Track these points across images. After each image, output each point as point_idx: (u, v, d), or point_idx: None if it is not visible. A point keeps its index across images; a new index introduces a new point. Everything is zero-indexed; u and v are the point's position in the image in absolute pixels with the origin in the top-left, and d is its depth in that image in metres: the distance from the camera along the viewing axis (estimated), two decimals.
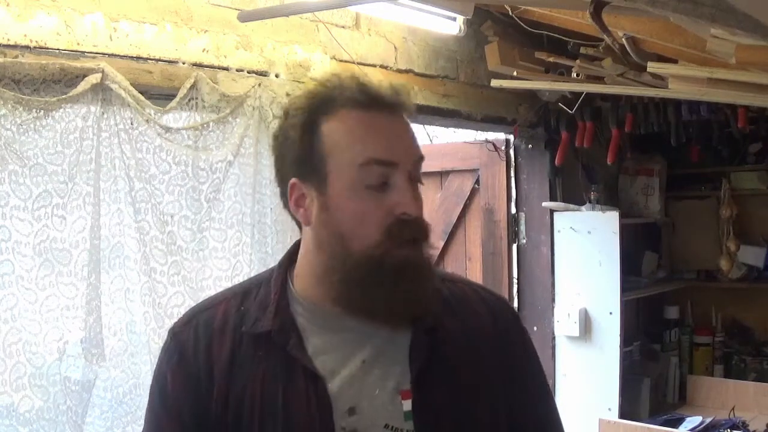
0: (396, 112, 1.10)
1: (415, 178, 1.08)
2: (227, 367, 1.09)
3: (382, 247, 1.04)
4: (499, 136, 3.52)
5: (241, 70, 2.21)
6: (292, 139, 1.10)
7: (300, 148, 1.09)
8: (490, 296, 1.24)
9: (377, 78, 1.18)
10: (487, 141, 3.55)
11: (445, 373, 1.10)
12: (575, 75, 2.73)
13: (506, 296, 3.40)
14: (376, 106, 1.08)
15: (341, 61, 2.54)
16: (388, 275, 1.05)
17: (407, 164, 1.07)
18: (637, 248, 3.90)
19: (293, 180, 1.10)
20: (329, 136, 1.07)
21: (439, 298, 1.15)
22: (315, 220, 1.09)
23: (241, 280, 2.15)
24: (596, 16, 1.97)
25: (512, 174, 3.56)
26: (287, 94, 2.28)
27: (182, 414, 1.11)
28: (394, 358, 1.09)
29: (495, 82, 2.84)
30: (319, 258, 1.10)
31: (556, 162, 3.35)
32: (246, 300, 1.15)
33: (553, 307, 3.46)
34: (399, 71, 2.77)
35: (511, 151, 3.56)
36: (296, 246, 1.18)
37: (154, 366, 1.92)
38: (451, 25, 2.80)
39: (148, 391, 1.92)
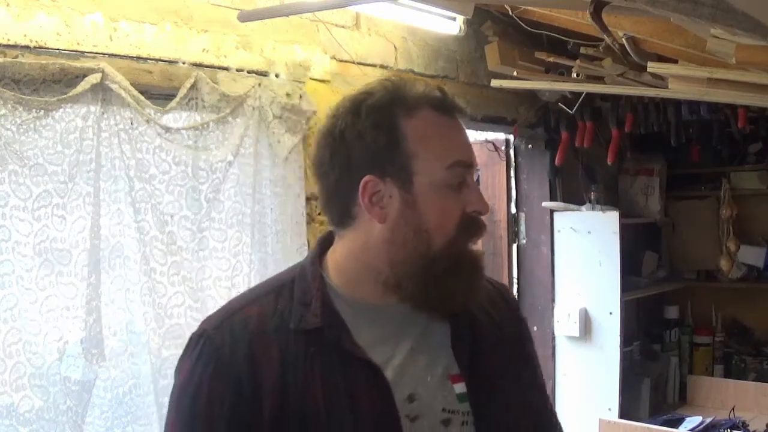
0: (459, 116, 1.16)
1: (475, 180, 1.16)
2: (278, 368, 1.07)
3: (456, 242, 1.10)
4: (499, 136, 3.52)
5: (241, 70, 2.21)
6: (370, 137, 1.10)
7: (380, 146, 1.10)
8: (496, 283, 1.32)
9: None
10: (487, 141, 3.54)
11: (485, 356, 1.15)
12: (575, 75, 2.73)
13: None
14: (447, 110, 1.13)
15: (341, 61, 2.54)
16: (464, 272, 1.11)
17: (474, 167, 1.14)
18: (637, 248, 3.90)
19: (368, 177, 1.10)
20: (414, 136, 1.10)
21: None
22: (396, 217, 1.10)
23: (242, 280, 2.16)
24: (596, 16, 1.97)
25: (512, 174, 3.57)
26: (287, 94, 2.28)
27: (216, 427, 1.08)
28: (437, 345, 1.13)
29: (495, 82, 2.84)
30: (389, 254, 1.11)
31: (556, 162, 3.35)
32: (280, 299, 1.14)
33: (553, 307, 3.46)
34: (399, 71, 2.77)
35: (511, 151, 3.56)
36: (324, 244, 1.20)
37: (154, 366, 1.94)
38: (451, 25, 2.80)
39: (147, 391, 1.95)
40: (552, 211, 3.47)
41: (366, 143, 1.10)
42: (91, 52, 1.87)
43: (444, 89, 1.16)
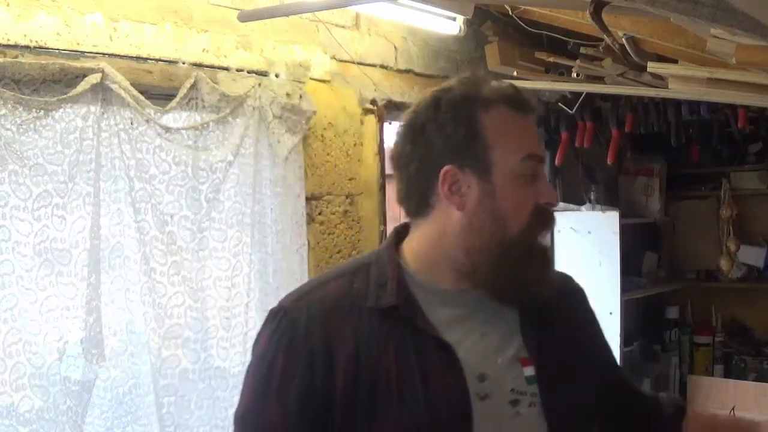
0: (533, 113, 1.22)
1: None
2: (352, 343, 1.12)
3: (529, 230, 1.16)
4: None
5: (241, 70, 2.21)
6: (450, 128, 1.16)
7: (459, 137, 1.16)
8: (562, 273, 1.39)
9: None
10: None
11: (553, 343, 1.19)
12: (575, 75, 2.73)
13: None
14: (522, 107, 1.19)
15: (341, 61, 2.54)
16: (536, 259, 1.18)
17: (544, 161, 1.23)
18: (637, 248, 3.90)
19: (448, 167, 1.16)
20: (491, 128, 1.16)
21: None
22: (474, 205, 1.16)
23: (242, 280, 2.16)
24: (596, 16, 1.98)
25: None
26: (287, 94, 2.28)
27: (288, 396, 1.12)
28: (507, 330, 1.19)
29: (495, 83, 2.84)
30: (466, 241, 1.16)
31: (556, 162, 3.35)
32: (356, 279, 1.19)
33: None
34: (399, 71, 2.77)
35: None
36: (399, 233, 1.25)
37: (154, 366, 1.94)
38: (451, 25, 2.80)
39: (147, 391, 1.95)
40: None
41: (446, 135, 1.16)
42: (91, 52, 1.87)
43: (518, 87, 1.22)
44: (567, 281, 1.37)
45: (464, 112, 1.16)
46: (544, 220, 1.19)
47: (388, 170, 2.84)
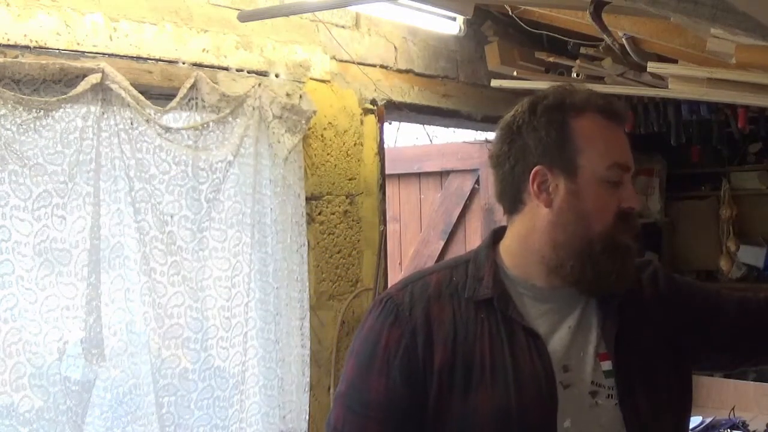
0: (624, 123, 1.29)
1: (634, 182, 1.28)
2: (450, 326, 1.23)
3: (613, 230, 1.23)
4: None
5: (241, 70, 2.21)
6: (545, 131, 1.25)
7: (551, 140, 1.24)
8: (640, 264, 1.40)
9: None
10: (487, 141, 3.54)
11: (631, 338, 1.25)
12: (575, 75, 2.73)
13: None
14: (612, 116, 1.26)
15: (341, 61, 2.54)
16: (618, 255, 1.23)
17: (632, 171, 1.27)
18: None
19: (538, 167, 1.25)
20: (581, 134, 1.24)
21: None
22: (560, 203, 1.24)
23: (242, 280, 2.16)
24: (596, 16, 1.98)
25: None
26: (287, 94, 2.28)
27: (391, 369, 1.22)
28: (591, 325, 1.26)
29: (495, 82, 2.84)
30: (552, 236, 1.25)
31: None
32: (456, 273, 1.30)
33: None
34: (399, 71, 2.77)
35: None
36: (499, 229, 1.36)
37: (154, 366, 1.94)
38: (451, 25, 2.80)
39: (147, 391, 1.95)
40: None
41: (539, 136, 1.25)
42: (91, 52, 1.87)
43: (611, 98, 1.30)
44: (640, 269, 1.39)
45: (557, 116, 1.25)
46: (627, 223, 1.25)
47: (388, 170, 2.84)
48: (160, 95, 2.03)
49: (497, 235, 1.35)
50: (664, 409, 1.26)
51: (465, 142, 3.64)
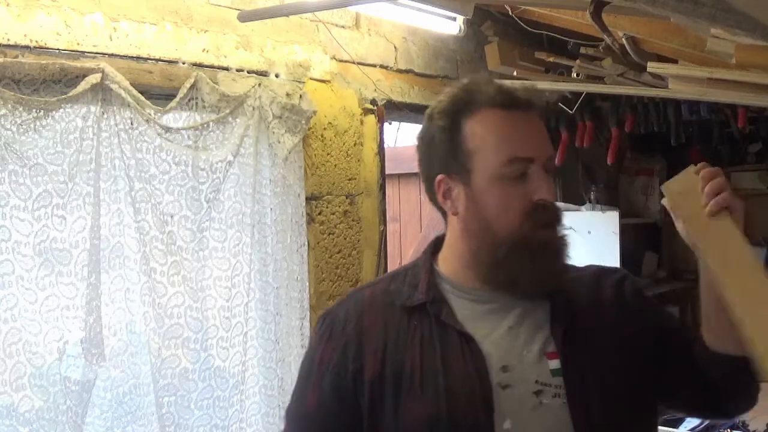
0: (530, 110, 1.23)
1: (549, 168, 1.21)
2: (382, 336, 1.22)
3: (523, 229, 1.18)
4: None
5: (241, 70, 2.21)
6: (438, 139, 1.23)
7: (446, 147, 1.22)
8: (607, 269, 1.38)
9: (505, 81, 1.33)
10: None
11: (583, 336, 1.21)
12: (575, 75, 2.73)
13: None
14: (513, 105, 1.21)
15: (341, 61, 2.54)
16: (530, 254, 1.19)
17: (542, 158, 1.20)
18: (637, 248, 3.90)
19: (440, 176, 1.23)
20: (473, 134, 1.20)
21: (570, 275, 1.29)
22: (463, 210, 1.23)
23: (242, 280, 2.16)
24: (596, 16, 1.98)
25: None
26: (287, 94, 2.28)
27: (323, 384, 1.24)
28: (536, 325, 1.22)
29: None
30: (467, 244, 1.24)
31: (556, 162, 3.35)
32: (394, 282, 1.30)
33: None
34: (399, 71, 2.77)
35: None
36: (440, 237, 1.33)
37: (155, 366, 1.94)
38: (451, 25, 2.80)
39: (147, 391, 1.95)
40: None
41: (435, 145, 1.24)
42: (91, 52, 1.87)
43: (510, 85, 1.26)
44: (604, 274, 1.35)
45: (450, 120, 1.22)
46: (541, 217, 1.19)
47: (389, 170, 2.84)
48: (160, 95, 2.03)
49: (438, 242, 1.33)
50: (619, 410, 1.20)
51: None
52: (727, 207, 1.23)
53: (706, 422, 3.20)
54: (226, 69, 2.17)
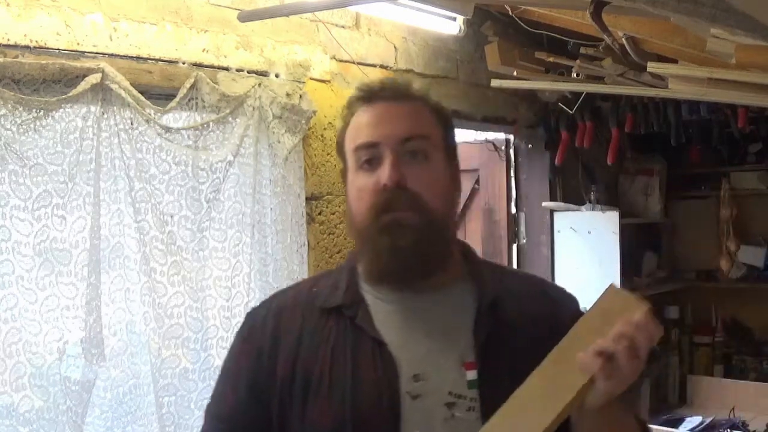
0: (397, 99, 1.22)
1: (405, 150, 1.18)
2: (297, 337, 1.20)
3: (368, 217, 1.18)
4: (499, 136, 3.52)
5: (241, 70, 2.21)
6: (339, 136, 1.27)
7: (338, 147, 1.27)
8: (551, 287, 1.35)
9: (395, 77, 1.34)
10: (487, 141, 3.54)
11: (507, 349, 1.17)
12: (575, 75, 2.73)
13: None
14: (378, 98, 1.22)
15: (341, 61, 2.54)
16: (373, 243, 1.18)
17: (390, 142, 1.18)
18: (637, 248, 3.90)
19: (343, 172, 1.26)
20: (347, 130, 1.24)
21: (502, 286, 1.25)
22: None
23: (242, 280, 2.16)
24: (596, 16, 1.98)
25: (512, 174, 3.56)
26: (287, 94, 2.28)
27: (239, 384, 1.23)
28: (457, 333, 1.18)
29: (495, 82, 2.84)
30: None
31: (556, 162, 3.35)
32: (317, 283, 1.28)
33: None
34: (399, 71, 2.77)
35: (511, 151, 3.56)
36: None
37: (155, 366, 1.94)
38: (451, 25, 2.80)
39: (147, 391, 1.95)
40: (552, 211, 3.47)
41: (338, 141, 1.28)
42: (91, 52, 1.87)
43: (394, 80, 1.28)
44: (552, 290, 1.31)
45: (345, 118, 1.25)
46: (382, 202, 1.16)
47: None
48: (160, 95, 2.03)
49: None
50: None
51: (465, 142, 3.64)
52: (603, 373, 1.02)
53: (706, 422, 3.21)
54: (226, 69, 2.17)
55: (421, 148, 1.19)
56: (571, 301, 1.31)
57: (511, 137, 3.51)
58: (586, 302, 1.26)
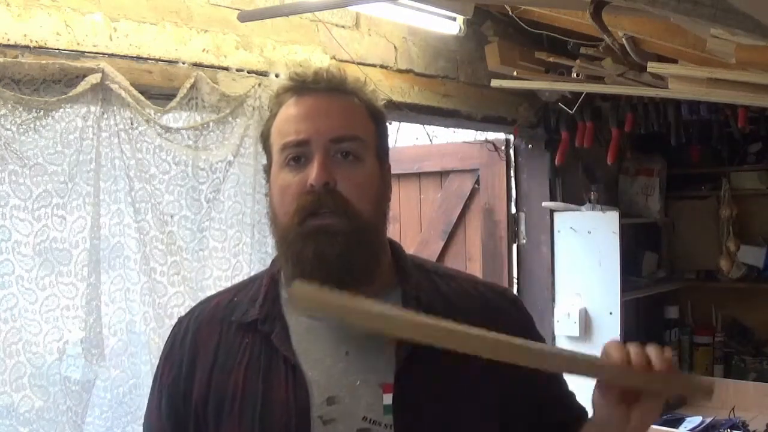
0: (330, 92, 1.14)
1: (337, 150, 1.10)
2: (213, 354, 1.13)
3: (296, 219, 1.08)
4: (499, 136, 3.52)
5: (241, 70, 2.21)
6: (264, 129, 1.19)
7: (264, 139, 1.18)
8: (487, 290, 1.23)
9: (335, 67, 1.22)
10: (487, 141, 3.55)
11: (430, 369, 1.07)
12: (575, 75, 2.73)
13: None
14: (310, 90, 1.14)
15: (341, 61, 2.54)
16: (296, 250, 1.08)
17: (321, 140, 1.09)
18: (637, 248, 3.90)
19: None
20: (273, 126, 1.16)
21: (435, 295, 1.16)
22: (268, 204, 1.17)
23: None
24: (596, 16, 1.97)
25: (512, 174, 3.56)
26: None
27: (162, 401, 1.17)
28: (379, 351, 1.09)
29: (495, 82, 2.84)
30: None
31: (556, 162, 3.35)
32: (239, 293, 1.19)
33: (553, 307, 3.45)
34: (399, 71, 2.77)
35: (511, 151, 3.56)
36: None
37: (154, 366, 1.94)
38: (451, 25, 2.80)
39: (147, 391, 1.94)
40: (552, 211, 3.47)
41: (262, 133, 1.20)
42: (91, 52, 1.87)
43: (327, 70, 1.16)
44: (484, 299, 1.19)
45: (271, 109, 1.19)
46: (310, 203, 1.07)
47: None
48: (160, 95, 2.03)
49: None
50: None
51: (465, 142, 3.64)
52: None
53: (707, 422, 3.20)
54: (226, 69, 2.17)
55: (353, 148, 1.10)
56: (505, 301, 1.23)
57: (511, 137, 3.51)
58: (586, 303, 1.22)
